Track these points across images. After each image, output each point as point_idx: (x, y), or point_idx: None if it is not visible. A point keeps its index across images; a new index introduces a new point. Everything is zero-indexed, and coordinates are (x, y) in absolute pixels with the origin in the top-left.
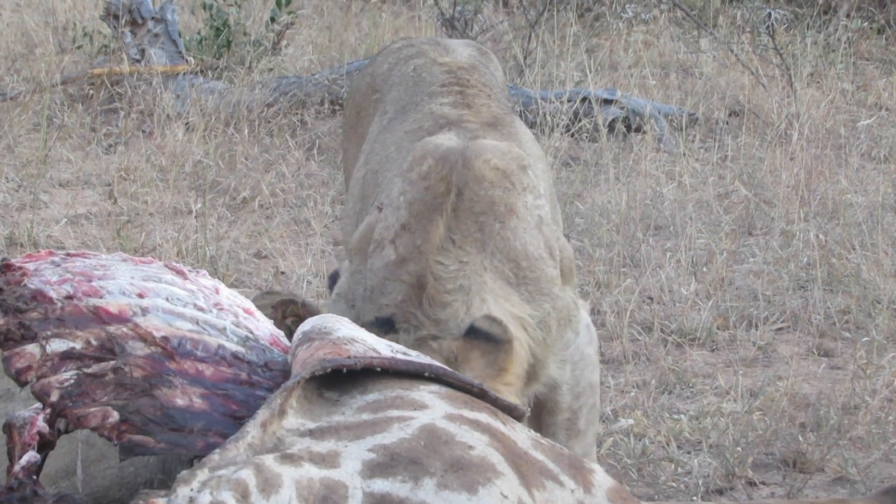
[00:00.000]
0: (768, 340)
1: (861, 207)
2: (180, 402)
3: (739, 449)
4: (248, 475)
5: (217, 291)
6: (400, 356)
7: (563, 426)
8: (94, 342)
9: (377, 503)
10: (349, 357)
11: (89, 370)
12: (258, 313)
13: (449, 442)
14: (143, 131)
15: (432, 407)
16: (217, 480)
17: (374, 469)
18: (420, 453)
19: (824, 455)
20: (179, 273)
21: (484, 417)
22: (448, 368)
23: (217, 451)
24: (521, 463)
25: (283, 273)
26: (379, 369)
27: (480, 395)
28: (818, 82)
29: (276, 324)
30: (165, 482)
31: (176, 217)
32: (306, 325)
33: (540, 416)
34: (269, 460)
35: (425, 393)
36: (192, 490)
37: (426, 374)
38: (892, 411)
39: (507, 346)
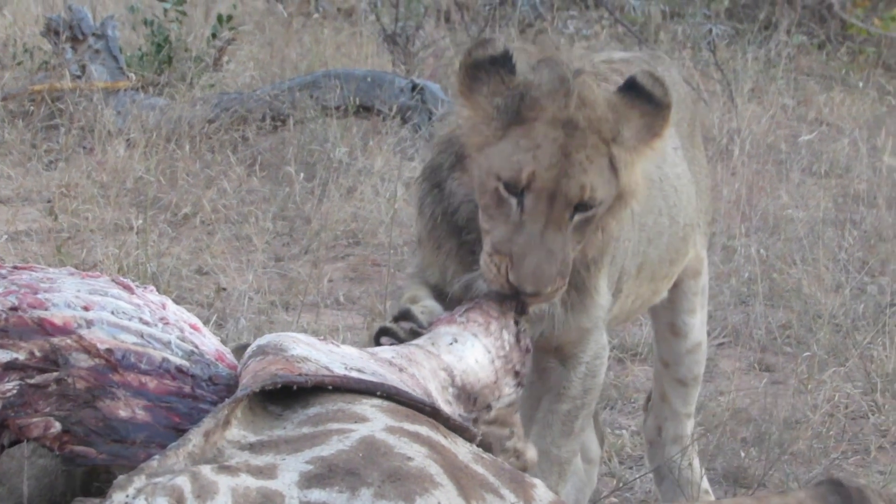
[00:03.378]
0: (710, 355)
1: (802, 222)
2: (123, 413)
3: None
4: (183, 482)
5: (164, 307)
6: (353, 374)
7: (561, 418)
8: (37, 353)
9: None
10: (301, 374)
11: (32, 381)
12: (205, 329)
13: (387, 453)
14: (84, 147)
15: (373, 420)
16: (153, 487)
17: (311, 480)
18: (358, 464)
19: (766, 470)
20: (126, 288)
21: (424, 430)
22: (400, 388)
23: (156, 457)
24: (461, 475)
25: (224, 289)
26: (330, 388)
27: (433, 414)
28: (759, 98)
29: None
30: (102, 489)
31: (117, 233)
32: (262, 340)
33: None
34: (205, 469)
35: (367, 406)
36: (127, 496)
37: (378, 394)
38: (833, 426)
39: (665, 111)
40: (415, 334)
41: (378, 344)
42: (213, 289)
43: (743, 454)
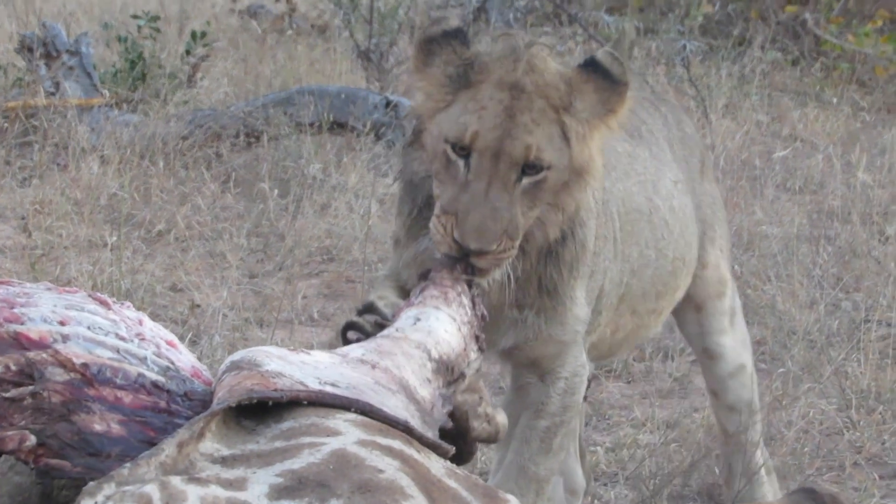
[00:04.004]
0: (684, 372)
1: (776, 239)
2: (98, 427)
3: (656, 481)
4: (152, 490)
5: (140, 323)
6: (328, 389)
7: (539, 434)
8: (13, 367)
9: None
10: (276, 390)
11: (7, 394)
12: (180, 345)
13: (358, 466)
14: (58, 164)
15: (345, 433)
16: (121, 494)
17: (280, 492)
18: (328, 476)
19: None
20: (103, 303)
21: (397, 444)
22: (374, 405)
23: (128, 465)
24: (433, 489)
25: (198, 306)
26: (305, 402)
27: (406, 432)
28: (733, 114)
29: None
30: (70, 498)
31: (91, 250)
32: (236, 356)
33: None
34: (175, 479)
35: (340, 421)
36: (96, 503)
37: (352, 410)
38: (808, 443)
39: (622, 88)
40: (380, 326)
41: (346, 339)
42: (187, 305)
43: (717, 471)
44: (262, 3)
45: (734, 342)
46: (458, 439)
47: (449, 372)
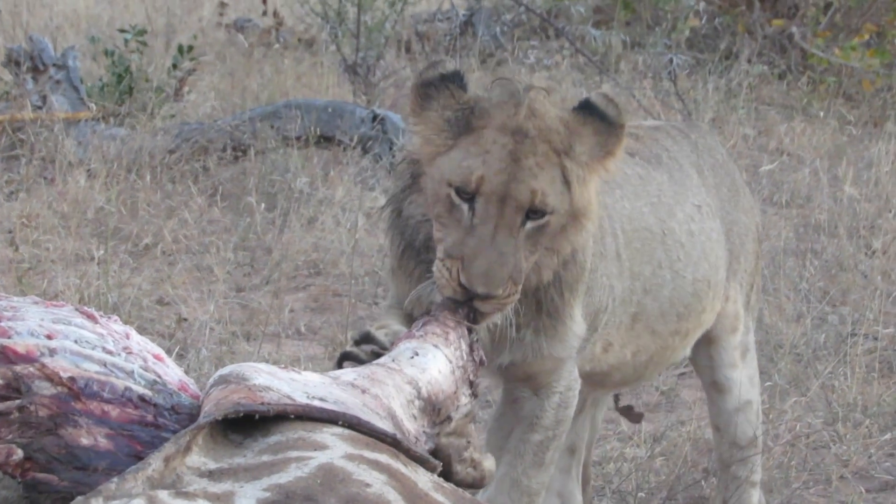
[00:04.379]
0: (671, 385)
1: (763, 252)
2: (85, 441)
3: (642, 494)
4: None
5: (127, 336)
6: (316, 403)
7: (533, 448)
8: (0, 381)
9: None
10: (263, 403)
11: None
12: (168, 359)
13: (346, 480)
14: (45, 178)
15: (333, 447)
16: None
17: None
18: (315, 491)
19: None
20: (90, 317)
21: (384, 458)
22: (362, 418)
23: (115, 480)
24: (420, 503)
25: (185, 320)
26: (293, 416)
27: (394, 445)
28: (720, 127)
29: None
30: None
31: (78, 264)
32: (224, 370)
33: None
34: (163, 494)
35: (327, 435)
36: None
37: (339, 423)
38: (795, 456)
39: (619, 130)
40: (376, 356)
41: (341, 368)
42: (174, 319)
43: (704, 484)
44: (250, 16)
45: (743, 377)
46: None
47: (435, 413)
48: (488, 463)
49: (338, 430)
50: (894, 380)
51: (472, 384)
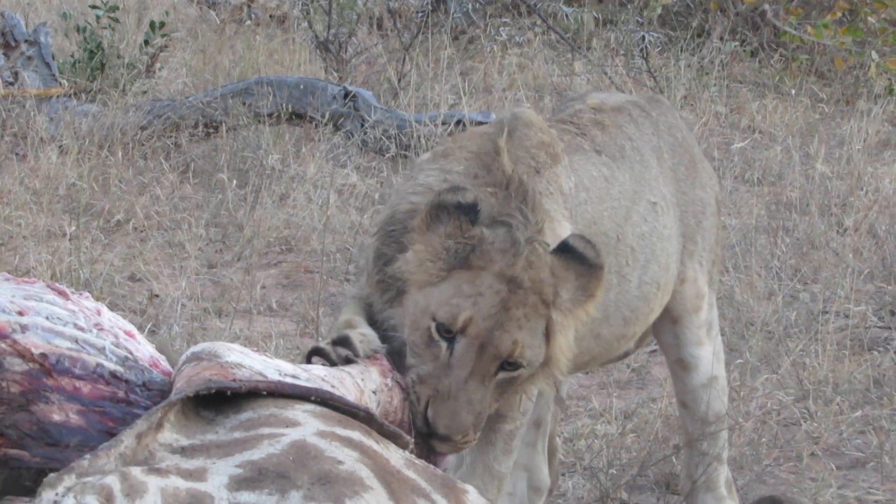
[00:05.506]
0: (642, 363)
1: (735, 230)
2: (57, 417)
3: (613, 471)
4: (113, 481)
5: (99, 313)
6: (287, 380)
7: (504, 437)
8: None
9: None
10: (235, 380)
11: None
12: (140, 336)
13: (318, 457)
14: (17, 154)
15: (304, 424)
16: (82, 486)
17: (240, 483)
18: (288, 468)
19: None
20: (61, 293)
21: (356, 435)
22: (334, 393)
23: (87, 457)
24: (392, 480)
25: (157, 296)
26: (265, 393)
27: (367, 420)
28: (692, 105)
29: None
30: (31, 489)
31: (50, 240)
32: (196, 347)
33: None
34: (135, 470)
35: (299, 412)
36: (56, 495)
37: (312, 399)
38: (766, 433)
39: (599, 272)
40: (349, 362)
41: (309, 362)
42: (146, 295)
43: (675, 461)
44: None
45: (711, 355)
46: None
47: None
48: None
49: (309, 406)
50: (865, 357)
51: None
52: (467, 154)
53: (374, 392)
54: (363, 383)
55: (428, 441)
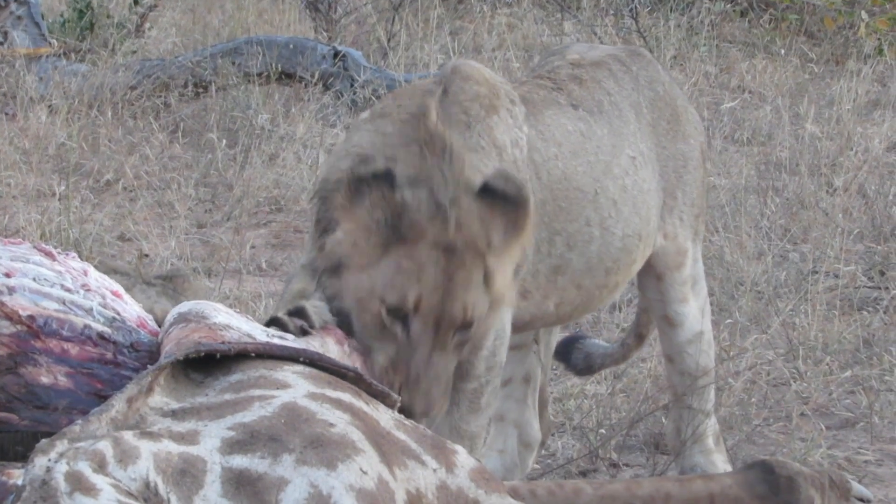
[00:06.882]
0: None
1: (724, 190)
2: (45, 380)
3: (603, 431)
4: (105, 446)
5: (86, 273)
6: (276, 341)
7: (468, 396)
8: None
9: (236, 478)
10: (224, 342)
11: None
12: (127, 296)
13: (309, 419)
14: (6, 114)
15: (295, 386)
16: (74, 451)
17: (233, 446)
18: (280, 430)
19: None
20: (48, 254)
21: (347, 397)
22: (322, 354)
23: (79, 422)
24: (383, 442)
25: (146, 256)
26: (253, 354)
27: (356, 380)
28: (681, 65)
29: None
30: (24, 454)
31: (39, 200)
32: (183, 307)
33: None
34: (127, 435)
35: (289, 373)
36: (49, 460)
37: (301, 360)
38: (756, 393)
39: (524, 204)
40: (304, 333)
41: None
42: (136, 255)
43: (664, 421)
44: None
45: (696, 310)
46: None
47: None
48: None
49: (298, 367)
50: (855, 317)
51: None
52: (404, 115)
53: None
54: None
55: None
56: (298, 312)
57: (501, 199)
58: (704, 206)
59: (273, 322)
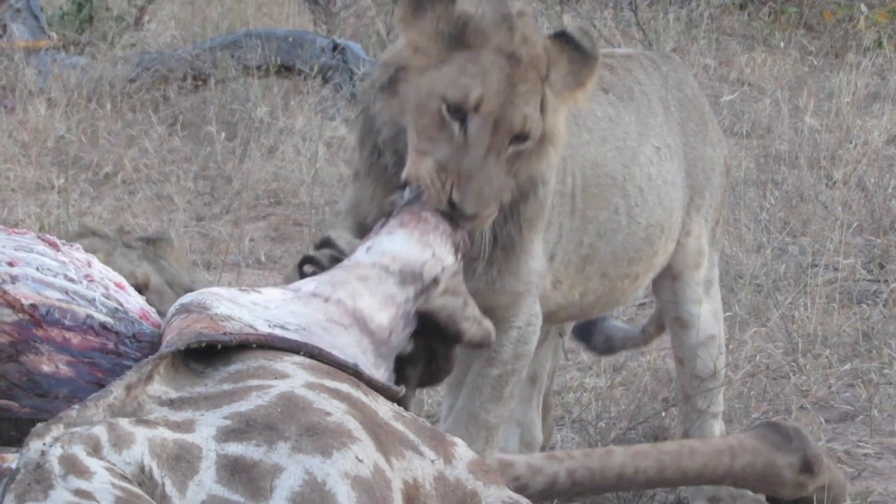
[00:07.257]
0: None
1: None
2: (46, 368)
3: (602, 424)
4: (100, 431)
5: (89, 264)
6: (277, 332)
7: (491, 382)
8: None
9: (231, 465)
10: (225, 333)
11: None
12: (129, 287)
13: (306, 408)
14: (5, 107)
15: (293, 376)
16: (70, 436)
17: (228, 434)
18: (276, 419)
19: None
20: (52, 245)
21: (345, 387)
22: (323, 349)
23: (76, 407)
24: (381, 432)
25: None
26: (255, 346)
27: (355, 375)
28: (681, 58)
29: None
30: (19, 439)
31: (38, 193)
32: (185, 299)
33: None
34: (123, 421)
35: (288, 364)
36: (44, 444)
37: (301, 353)
38: (755, 386)
39: (593, 62)
40: (336, 261)
41: (302, 274)
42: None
43: (664, 414)
44: None
45: (707, 312)
46: (437, 349)
47: (419, 279)
48: (487, 322)
49: (299, 358)
50: (854, 310)
51: (456, 248)
52: None
53: (370, 248)
54: (352, 260)
55: (452, 220)
56: (325, 243)
57: (574, 46)
58: (725, 216)
59: (306, 261)
